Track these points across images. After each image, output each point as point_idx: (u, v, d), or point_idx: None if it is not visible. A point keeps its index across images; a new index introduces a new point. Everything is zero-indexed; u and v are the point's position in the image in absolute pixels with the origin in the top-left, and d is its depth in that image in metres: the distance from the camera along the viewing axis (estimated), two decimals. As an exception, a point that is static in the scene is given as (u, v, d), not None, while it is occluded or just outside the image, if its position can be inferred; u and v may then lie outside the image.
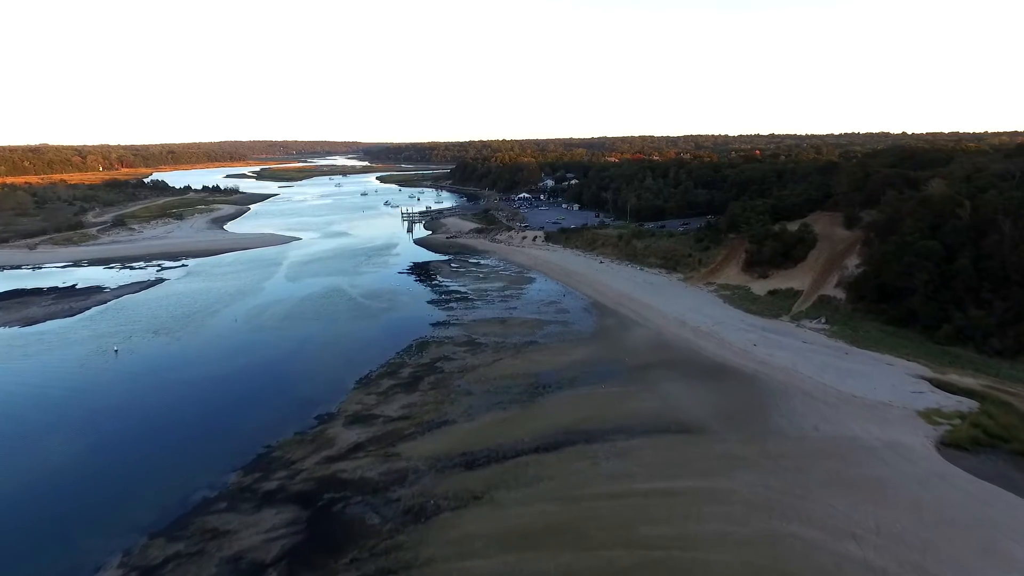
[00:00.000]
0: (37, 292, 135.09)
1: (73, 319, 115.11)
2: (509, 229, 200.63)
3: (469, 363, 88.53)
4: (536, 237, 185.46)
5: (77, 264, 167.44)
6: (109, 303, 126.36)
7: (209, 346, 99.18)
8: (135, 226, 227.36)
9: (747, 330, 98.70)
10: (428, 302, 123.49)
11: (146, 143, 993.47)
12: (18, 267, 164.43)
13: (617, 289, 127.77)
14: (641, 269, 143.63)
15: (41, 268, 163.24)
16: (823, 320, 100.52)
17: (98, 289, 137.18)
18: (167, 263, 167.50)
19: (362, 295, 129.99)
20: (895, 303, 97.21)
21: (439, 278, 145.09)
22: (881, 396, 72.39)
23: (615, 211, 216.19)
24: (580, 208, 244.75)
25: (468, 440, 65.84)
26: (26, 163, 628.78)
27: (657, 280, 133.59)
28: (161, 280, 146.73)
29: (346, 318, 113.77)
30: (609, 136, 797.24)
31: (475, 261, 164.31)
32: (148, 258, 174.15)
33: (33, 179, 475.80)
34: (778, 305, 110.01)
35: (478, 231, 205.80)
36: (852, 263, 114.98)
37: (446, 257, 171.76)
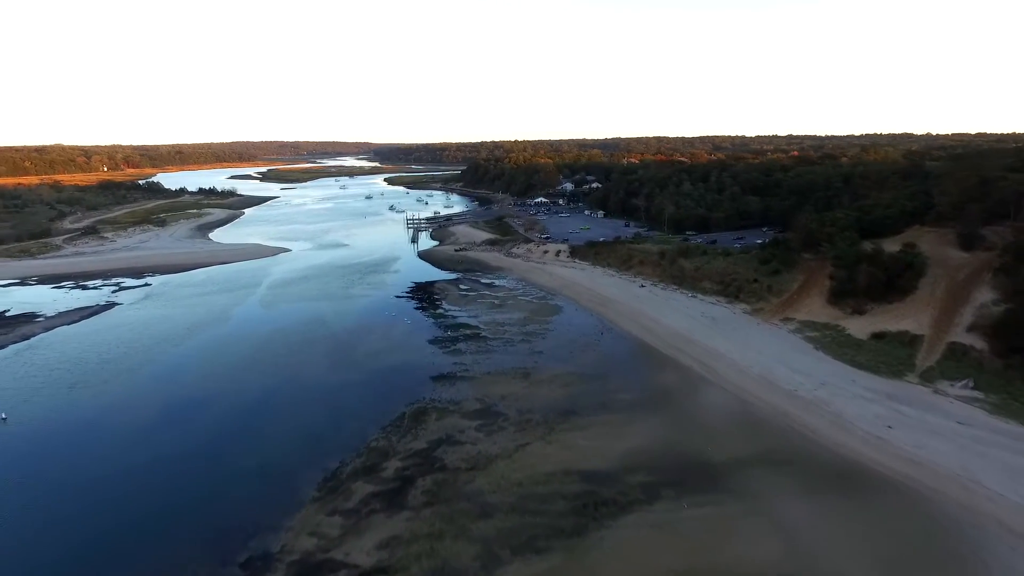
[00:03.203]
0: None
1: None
2: (527, 241, 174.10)
3: (483, 451, 62.08)
4: (559, 252, 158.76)
5: (24, 282, 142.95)
6: (36, 338, 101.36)
7: (128, 411, 73.18)
8: (108, 234, 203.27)
9: (866, 397, 71.42)
10: (430, 341, 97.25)
11: (157, 143, 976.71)
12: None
13: (669, 326, 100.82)
14: (693, 296, 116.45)
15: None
16: (970, 384, 72.95)
17: (30, 318, 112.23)
18: (128, 281, 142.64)
19: (348, 330, 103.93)
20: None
21: (445, 305, 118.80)
22: None
23: (648, 220, 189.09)
24: (606, 216, 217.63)
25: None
26: (27, 163, 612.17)
27: (718, 313, 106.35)
28: (111, 305, 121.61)
29: (322, 366, 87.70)
30: (623, 137, 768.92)
31: (488, 281, 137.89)
32: (108, 274, 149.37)
33: (26, 180, 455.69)
34: (893, 356, 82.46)
35: (491, 243, 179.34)
36: (984, 297, 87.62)
37: (454, 275, 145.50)
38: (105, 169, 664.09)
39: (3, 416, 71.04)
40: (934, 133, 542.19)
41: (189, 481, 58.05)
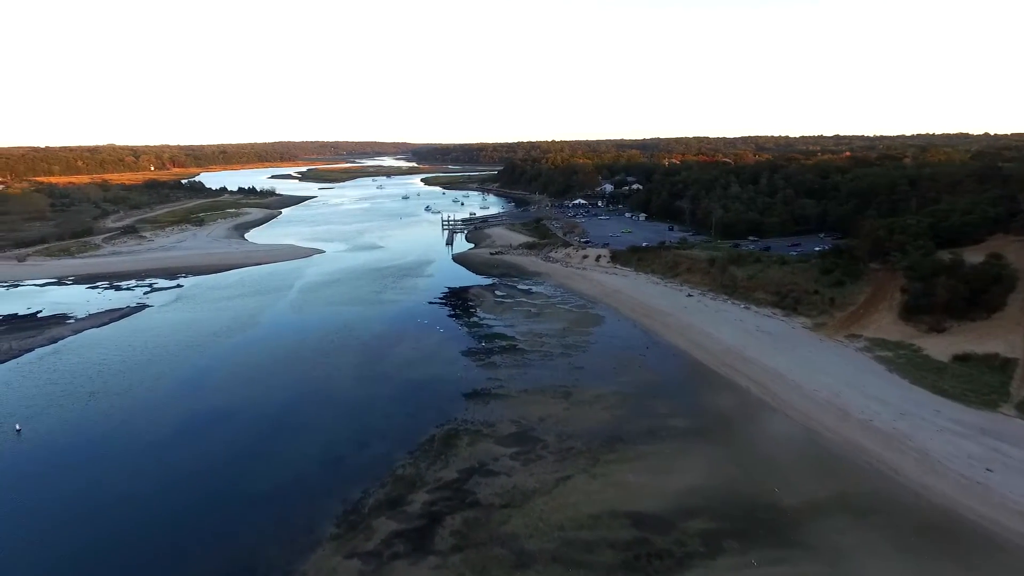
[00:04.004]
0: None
1: (4, 366, 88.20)
2: (566, 245, 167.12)
3: (519, 484, 55.75)
4: (600, 256, 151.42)
5: (60, 281, 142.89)
6: (63, 341, 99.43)
7: (144, 425, 69.25)
8: (147, 234, 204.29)
9: (955, 432, 62.56)
10: (463, 353, 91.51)
11: (203, 143, 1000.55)
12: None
13: (721, 340, 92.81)
14: (746, 308, 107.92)
15: (18, 286, 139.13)
16: (1081, 419, 63.41)
17: (60, 319, 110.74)
18: (161, 282, 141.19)
19: (377, 338, 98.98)
20: None
21: (480, 313, 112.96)
22: None
23: (693, 224, 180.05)
24: (648, 219, 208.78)
25: None
26: (80, 163, 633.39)
27: (775, 327, 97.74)
28: (142, 307, 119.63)
29: (349, 378, 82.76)
30: (662, 137, 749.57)
31: (525, 288, 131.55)
32: (143, 275, 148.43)
33: (78, 179, 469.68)
34: (982, 382, 72.97)
35: (528, 246, 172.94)
36: (1088, 318, 77.37)
37: (490, 281, 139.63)
38: (152, 168, 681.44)
39: (17, 428, 67.95)
40: (992, 133, 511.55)
41: (199, 511, 53.33)
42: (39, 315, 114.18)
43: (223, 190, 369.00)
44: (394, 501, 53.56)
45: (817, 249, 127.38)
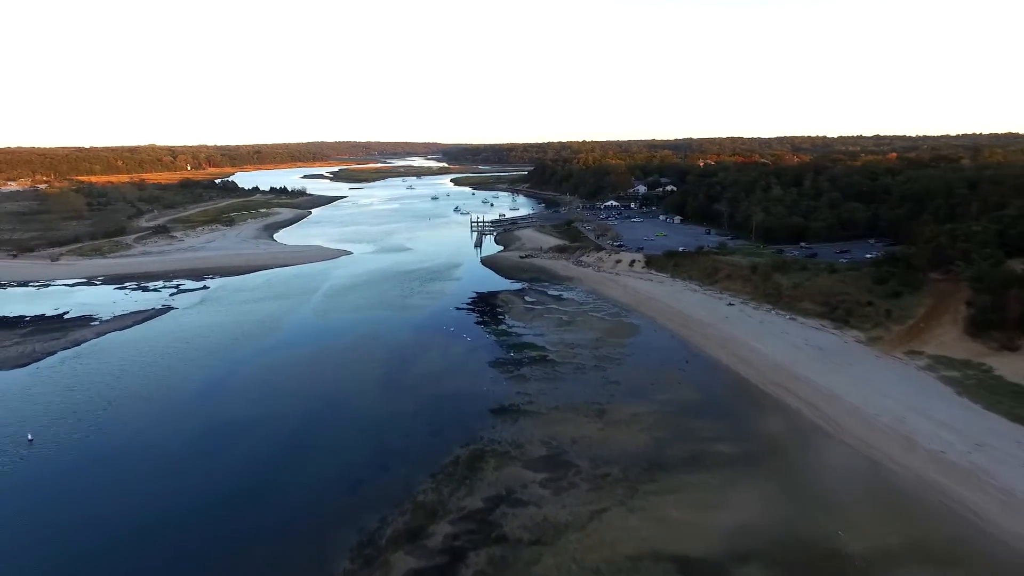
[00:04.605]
0: (13, 322, 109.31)
1: (25, 370, 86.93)
2: (599, 249, 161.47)
3: (550, 517, 50.82)
4: (634, 261, 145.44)
5: (90, 281, 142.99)
6: (86, 343, 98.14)
7: (158, 438, 66.47)
8: (177, 233, 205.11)
9: (1042, 469, 55.56)
10: (490, 364, 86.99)
11: (239, 143, 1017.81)
12: (25, 283, 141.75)
13: (768, 355, 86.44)
14: (792, 319, 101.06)
15: (49, 286, 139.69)
16: None
17: (86, 321, 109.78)
18: (188, 283, 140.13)
19: (402, 347, 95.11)
20: None
21: (508, 320, 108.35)
22: None
23: (732, 227, 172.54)
24: (683, 221, 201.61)
25: None
26: (119, 162, 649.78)
27: (825, 342, 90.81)
28: (167, 309, 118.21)
29: (371, 390, 78.93)
30: (695, 137, 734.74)
31: (556, 293, 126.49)
32: (170, 275, 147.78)
33: (116, 178, 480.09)
34: (1067, 410, 65.54)
35: (559, 250, 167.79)
36: None
37: (519, 285, 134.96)
38: (189, 168, 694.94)
39: (30, 437, 65.72)
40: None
41: (207, 539, 49.70)
42: (65, 316, 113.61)
43: (255, 190, 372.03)
44: (414, 533, 49.17)
45: (868, 256, 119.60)
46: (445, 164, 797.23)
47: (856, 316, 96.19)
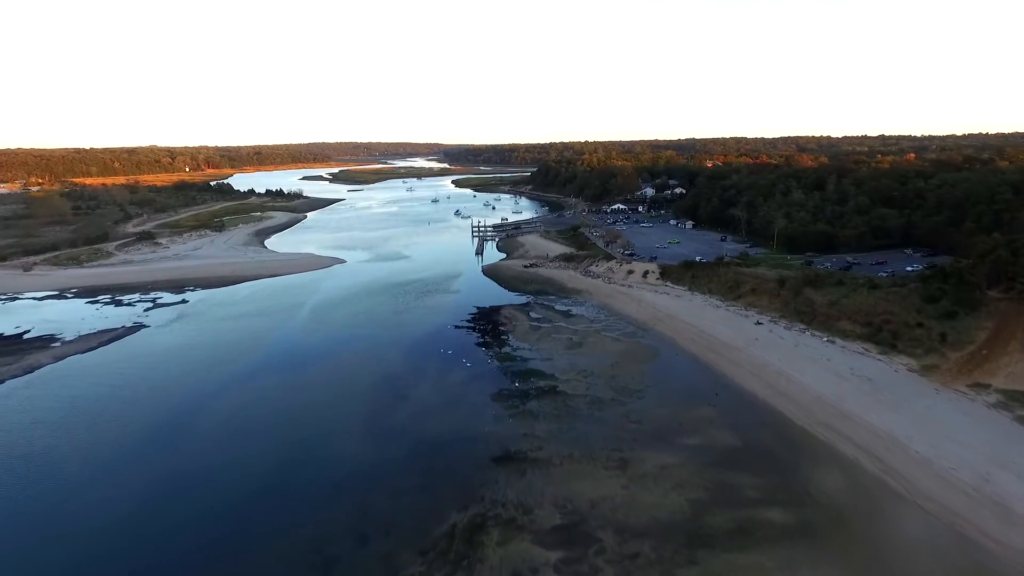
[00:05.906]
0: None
1: (-38, 405, 76.27)
2: (608, 257, 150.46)
3: (568, 620, 40.10)
4: (647, 272, 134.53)
5: (62, 294, 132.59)
6: (40, 371, 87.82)
7: (99, 498, 55.75)
8: (163, 240, 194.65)
9: None
10: (493, 397, 76.27)
11: (239, 144, 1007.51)
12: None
13: (809, 386, 75.63)
14: (830, 341, 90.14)
15: (16, 299, 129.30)
16: None
17: (47, 342, 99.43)
18: (167, 296, 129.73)
19: (393, 376, 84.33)
20: None
21: (512, 340, 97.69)
22: None
23: (749, 234, 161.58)
24: (696, 227, 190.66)
25: None
26: (116, 164, 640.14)
27: (872, 370, 79.81)
28: (138, 328, 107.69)
29: (353, 433, 68.11)
30: (698, 137, 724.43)
31: (563, 308, 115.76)
32: (148, 287, 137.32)
33: (111, 180, 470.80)
34: None
35: (566, 258, 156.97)
36: None
37: (524, 299, 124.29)
38: (187, 170, 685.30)
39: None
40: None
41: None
42: (25, 336, 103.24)
43: (251, 192, 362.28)
44: (395, 645, 38.52)
45: (909, 269, 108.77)
46: (446, 165, 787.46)
47: (904, 340, 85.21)
